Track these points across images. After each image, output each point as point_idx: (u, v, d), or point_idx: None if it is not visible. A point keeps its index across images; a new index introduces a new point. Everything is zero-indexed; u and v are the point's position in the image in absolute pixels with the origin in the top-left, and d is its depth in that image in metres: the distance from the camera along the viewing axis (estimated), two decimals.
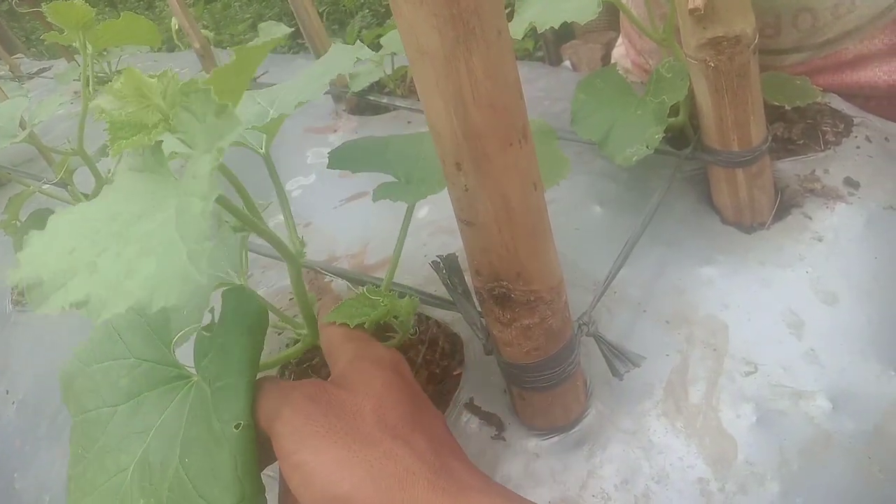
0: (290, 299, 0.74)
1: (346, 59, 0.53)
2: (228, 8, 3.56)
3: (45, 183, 0.97)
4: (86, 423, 0.44)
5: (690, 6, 0.54)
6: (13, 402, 0.92)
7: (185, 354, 0.46)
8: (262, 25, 0.48)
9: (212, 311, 0.45)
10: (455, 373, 0.59)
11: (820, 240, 0.62)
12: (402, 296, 0.53)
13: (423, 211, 0.81)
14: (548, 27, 0.65)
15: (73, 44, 0.83)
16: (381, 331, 0.55)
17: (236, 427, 0.39)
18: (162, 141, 0.39)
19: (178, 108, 0.37)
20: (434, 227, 0.78)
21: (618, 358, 0.53)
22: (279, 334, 0.70)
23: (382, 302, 0.48)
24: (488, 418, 0.56)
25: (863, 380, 0.54)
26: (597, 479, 0.51)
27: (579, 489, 0.51)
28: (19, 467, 0.85)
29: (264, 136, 0.53)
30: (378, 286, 0.56)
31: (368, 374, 0.43)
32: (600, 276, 0.61)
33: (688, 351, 0.57)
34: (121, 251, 0.33)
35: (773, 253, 0.62)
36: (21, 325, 0.99)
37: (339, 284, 0.75)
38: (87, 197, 0.97)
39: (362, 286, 0.65)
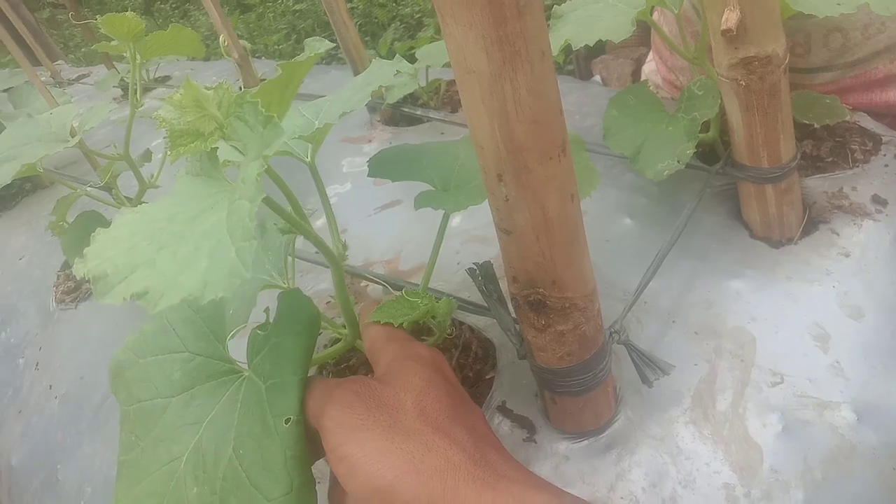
0: (328, 302, 0.76)
1: (386, 73, 0.56)
2: (262, 19, 3.63)
3: (90, 186, 1.00)
4: (140, 413, 0.46)
5: (723, 27, 0.56)
6: (56, 397, 0.95)
7: (234, 350, 0.48)
8: (308, 41, 0.51)
9: (267, 311, 0.48)
10: (487, 377, 0.61)
11: (847, 255, 0.64)
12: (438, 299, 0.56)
13: (455, 220, 0.84)
14: (582, 45, 0.67)
15: (124, 53, 0.86)
16: (417, 333, 0.57)
17: (286, 422, 0.42)
18: (217, 148, 0.42)
19: (233, 117, 0.40)
20: (466, 235, 0.80)
21: (648, 366, 0.54)
22: (318, 335, 0.72)
23: (421, 303, 0.50)
24: (520, 421, 0.58)
25: (887, 393, 0.55)
26: (625, 481, 0.53)
27: (608, 491, 0.53)
28: (62, 459, 0.88)
29: (310, 145, 0.55)
30: (415, 290, 0.58)
31: (410, 371, 0.45)
32: (630, 287, 0.62)
33: (716, 361, 0.58)
34: (177, 249, 0.36)
35: (800, 267, 0.64)
36: (64, 323, 1.03)
37: (374, 290, 0.77)
38: (129, 200, 1.00)
39: (398, 290, 0.68)
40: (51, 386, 0.97)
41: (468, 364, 0.63)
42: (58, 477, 0.87)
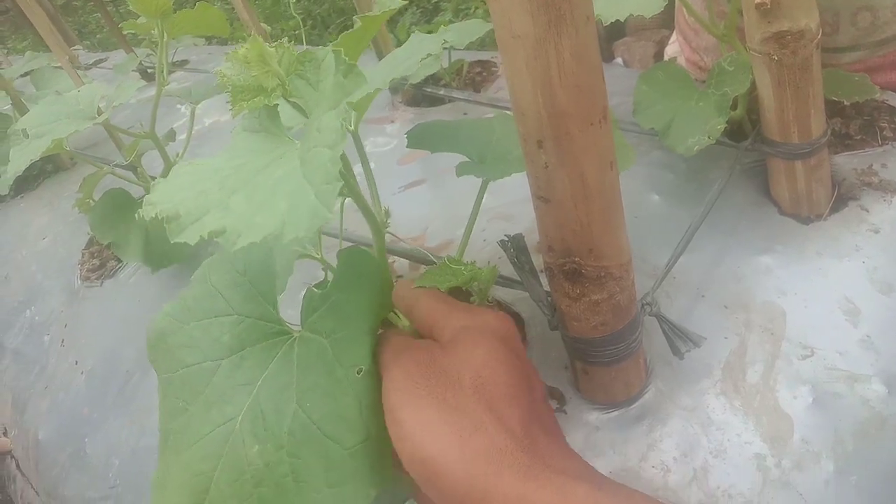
0: None
1: (433, 43, 0.56)
2: (277, 4, 3.63)
3: (116, 165, 1.01)
4: (187, 377, 0.46)
5: (757, 0, 0.56)
6: (82, 373, 0.96)
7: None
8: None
9: (325, 270, 0.48)
10: None
11: (877, 231, 0.64)
12: None
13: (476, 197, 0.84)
14: (613, 20, 0.67)
15: (152, 31, 0.87)
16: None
17: (358, 372, 0.42)
18: (277, 105, 0.43)
19: (293, 75, 0.41)
20: (492, 213, 0.81)
21: (679, 337, 0.55)
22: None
23: (464, 270, 0.51)
24: (550, 392, 0.58)
25: None
26: (656, 451, 0.53)
27: (639, 460, 0.53)
28: (89, 433, 0.89)
29: (354, 112, 0.56)
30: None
31: (473, 343, 0.43)
32: (659, 263, 0.63)
33: (746, 334, 0.59)
34: (250, 194, 0.37)
35: (830, 243, 0.64)
36: (89, 300, 1.04)
37: (400, 265, 0.78)
38: (153, 179, 1.01)
39: (425, 265, 0.68)
40: (76, 362, 0.98)
41: None
42: (86, 450, 0.88)
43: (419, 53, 0.52)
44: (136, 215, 0.42)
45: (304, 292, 0.47)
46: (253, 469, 0.42)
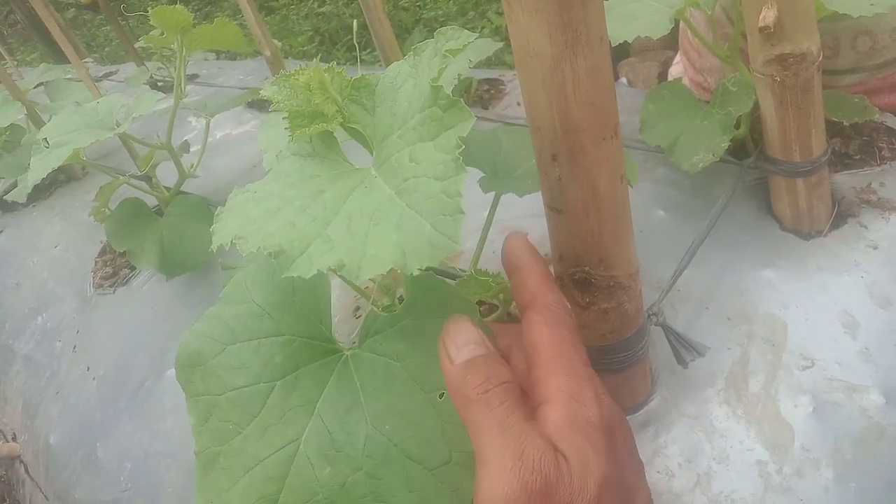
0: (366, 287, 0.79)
1: (461, 64, 0.57)
2: (286, 21, 3.68)
3: (131, 175, 1.04)
4: (237, 400, 0.46)
5: (761, 24, 0.58)
6: (93, 378, 0.98)
7: None
8: (441, 30, 0.52)
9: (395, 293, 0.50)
10: None
11: (875, 248, 0.66)
12: None
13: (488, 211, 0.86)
14: (621, 41, 0.69)
15: (171, 46, 0.89)
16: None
17: (440, 396, 0.43)
18: (333, 130, 0.45)
19: (347, 100, 0.43)
20: (500, 226, 0.82)
21: (684, 347, 0.57)
22: (357, 317, 0.75)
23: (492, 282, 0.52)
24: None
25: None
26: (662, 457, 0.55)
27: (645, 466, 0.54)
28: (101, 437, 0.90)
29: None
30: (460, 274, 0.60)
31: (584, 466, 0.37)
32: (663, 276, 0.65)
33: (748, 346, 0.61)
34: (346, 225, 0.38)
35: (830, 259, 0.66)
36: (101, 308, 1.06)
37: None
38: (168, 189, 1.03)
39: (444, 276, 0.70)
40: (88, 368, 1.00)
41: None
42: (97, 454, 0.89)
43: (448, 73, 0.54)
44: (213, 248, 0.43)
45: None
46: (326, 490, 0.42)
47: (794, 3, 0.57)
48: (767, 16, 0.58)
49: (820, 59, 0.61)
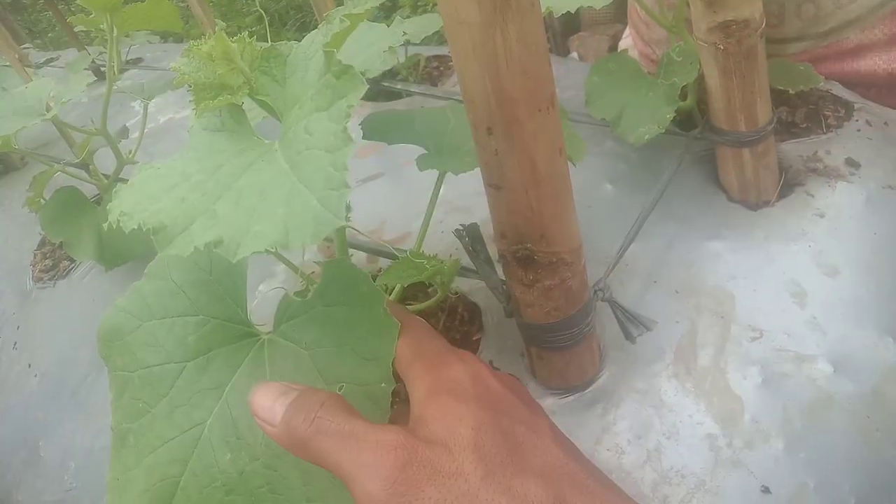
0: (312, 272, 0.77)
1: (392, 34, 0.55)
2: (234, 1, 3.59)
3: (67, 163, 0.99)
4: (148, 378, 0.45)
5: None
6: (35, 375, 0.94)
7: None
8: None
9: (305, 277, 0.50)
10: (474, 338, 0.62)
11: (822, 216, 0.65)
12: None
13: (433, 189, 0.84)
14: (564, 12, 0.68)
15: (101, 26, 0.85)
16: (414, 292, 0.57)
17: (339, 389, 0.42)
18: (243, 103, 0.42)
19: (257, 72, 0.40)
20: (449, 205, 0.81)
21: (631, 322, 0.56)
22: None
23: (427, 264, 0.51)
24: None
25: (861, 346, 0.57)
26: (611, 434, 0.54)
27: (594, 444, 0.54)
28: (43, 436, 0.87)
29: None
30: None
31: (454, 417, 0.37)
32: (612, 251, 0.63)
33: (697, 318, 0.60)
34: (236, 200, 0.36)
35: (777, 228, 0.65)
36: (42, 301, 1.02)
37: (358, 258, 0.78)
38: (107, 177, 0.99)
39: (385, 258, 0.68)
40: (30, 364, 0.96)
41: (455, 327, 0.64)
42: (40, 453, 0.86)
43: (376, 46, 0.52)
44: (105, 225, 0.40)
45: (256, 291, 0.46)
46: (225, 477, 0.41)
47: None
48: None
49: (763, 26, 0.60)
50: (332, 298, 0.45)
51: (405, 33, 0.55)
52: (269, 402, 0.38)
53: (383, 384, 0.43)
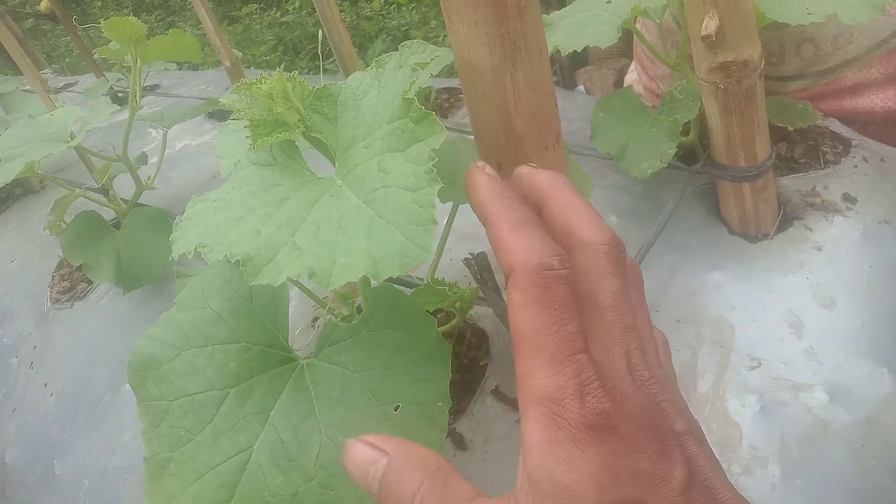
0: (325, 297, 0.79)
1: (423, 79, 0.58)
2: (249, 30, 3.66)
3: (87, 188, 1.03)
4: (190, 406, 0.46)
5: (703, 33, 0.60)
6: (51, 394, 0.97)
7: None
8: (406, 43, 0.50)
9: (352, 304, 0.51)
10: (482, 363, 0.64)
11: (819, 249, 0.67)
12: None
13: (447, 219, 0.87)
14: (571, 51, 0.71)
15: (126, 57, 0.89)
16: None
17: (395, 409, 0.43)
18: (296, 140, 0.45)
19: (309, 110, 0.44)
20: (458, 233, 0.83)
21: None
22: (315, 328, 0.75)
23: (449, 291, 0.53)
24: (512, 404, 0.60)
25: (857, 376, 0.59)
26: None
27: None
28: (59, 454, 0.89)
29: None
30: (418, 283, 0.61)
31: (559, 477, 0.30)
32: None
33: (697, 347, 0.62)
34: (314, 233, 0.38)
35: (776, 261, 0.68)
36: (59, 322, 1.04)
37: None
38: (125, 202, 1.02)
39: (401, 284, 0.71)
40: (46, 384, 0.99)
41: (463, 352, 0.66)
42: (55, 472, 0.88)
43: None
44: (174, 256, 0.42)
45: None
46: (277, 499, 0.42)
47: (735, 12, 0.59)
48: (709, 25, 0.60)
49: (762, 66, 0.63)
50: (380, 323, 0.46)
51: (431, 74, 0.57)
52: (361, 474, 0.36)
53: (440, 403, 0.44)
